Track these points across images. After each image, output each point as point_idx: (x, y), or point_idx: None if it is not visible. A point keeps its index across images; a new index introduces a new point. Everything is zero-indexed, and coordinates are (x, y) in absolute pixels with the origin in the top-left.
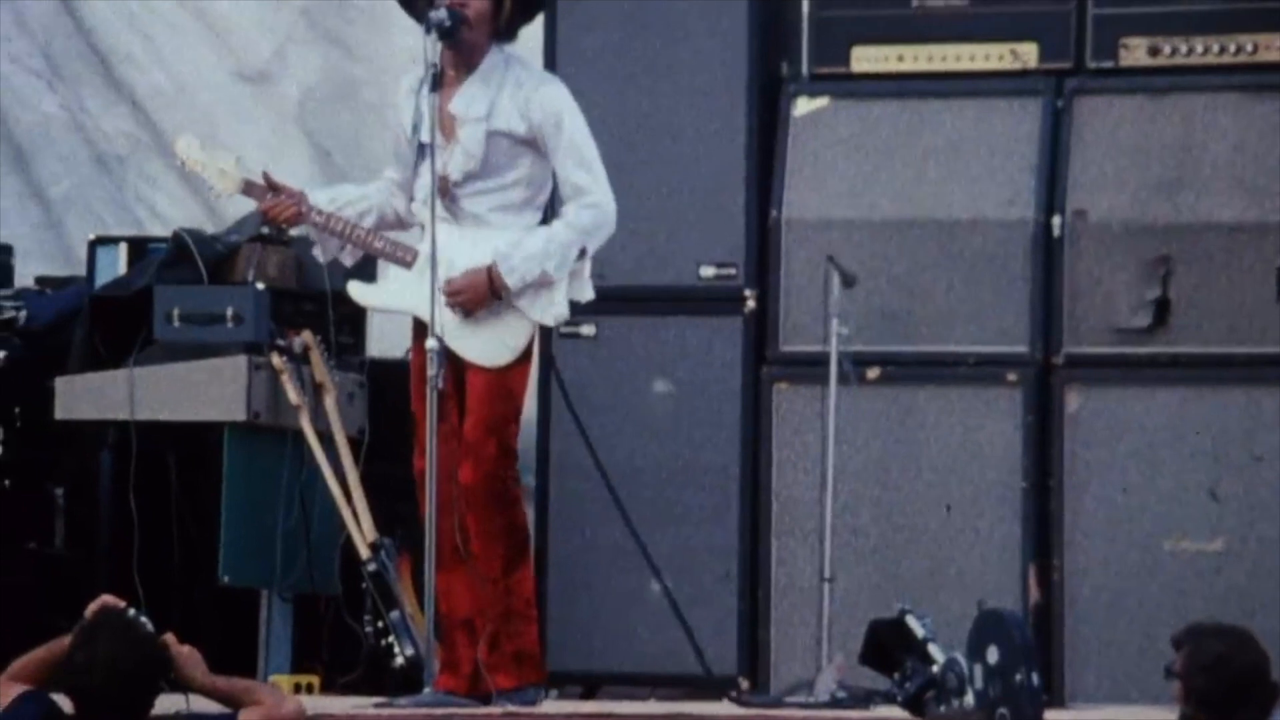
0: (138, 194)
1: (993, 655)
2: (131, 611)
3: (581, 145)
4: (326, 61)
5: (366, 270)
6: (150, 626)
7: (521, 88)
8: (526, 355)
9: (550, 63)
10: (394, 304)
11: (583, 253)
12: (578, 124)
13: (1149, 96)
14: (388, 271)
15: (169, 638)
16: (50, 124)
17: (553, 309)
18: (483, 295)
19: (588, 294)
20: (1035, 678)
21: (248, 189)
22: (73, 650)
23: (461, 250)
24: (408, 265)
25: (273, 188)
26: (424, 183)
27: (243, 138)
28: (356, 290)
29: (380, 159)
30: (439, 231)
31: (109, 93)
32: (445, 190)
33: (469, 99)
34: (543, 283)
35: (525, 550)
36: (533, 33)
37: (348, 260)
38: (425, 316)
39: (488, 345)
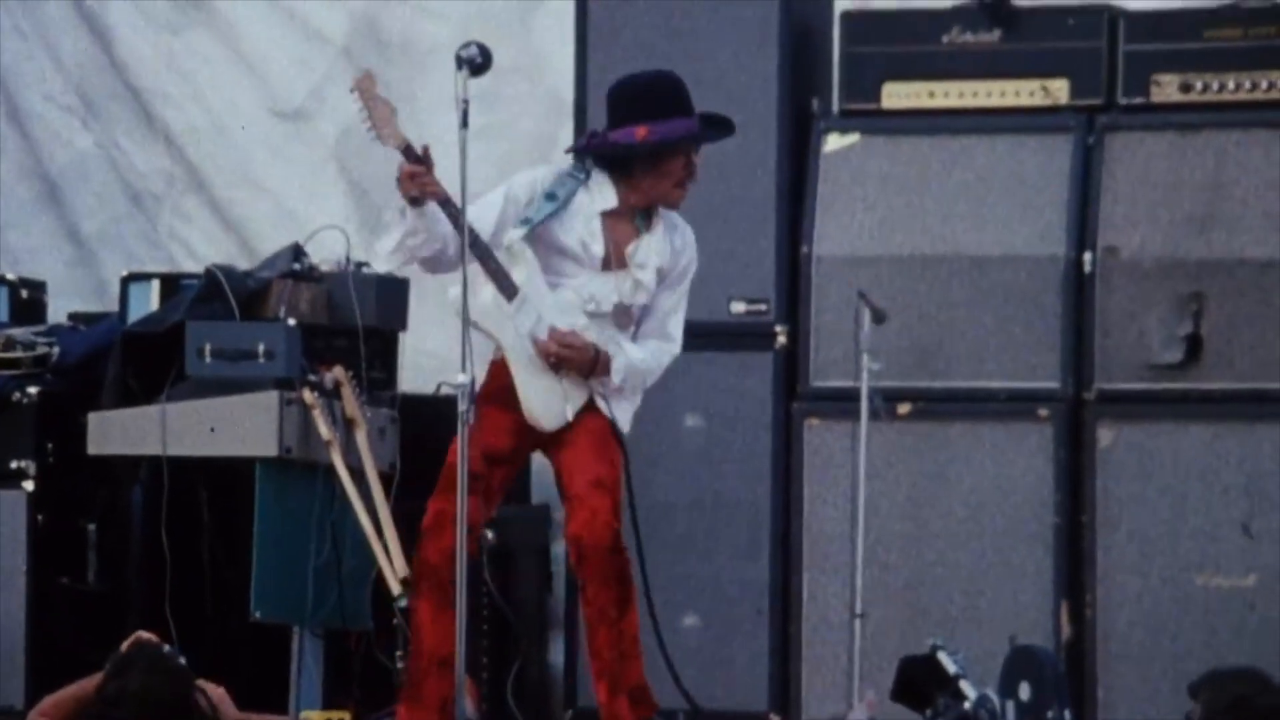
0: (172, 231)
1: (1025, 692)
2: (166, 647)
3: (686, 300)
4: None
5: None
6: (184, 663)
7: (675, 230)
8: (615, 429)
9: (581, 98)
10: (487, 325)
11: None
12: (687, 277)
13: (1180, 133)
14: (482, 291)
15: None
16: (84, 161)
17: (624, 417)
18: (584, 367)
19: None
20: (1068, 714)
21: (407, 150)
22: (105, 681)
23: (548, 309)
24: (508, 299)
25: (427, 163)
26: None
27: (279, 175)
28: (456, 295)
29: None
30: (533, 279)
31: (144, 130)
32: (624, 312)
33: (654, 247)
34: (626, 394)
35: (633, 591)
36: (564, 65)
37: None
38: (505, 347)
39: (546, 404)
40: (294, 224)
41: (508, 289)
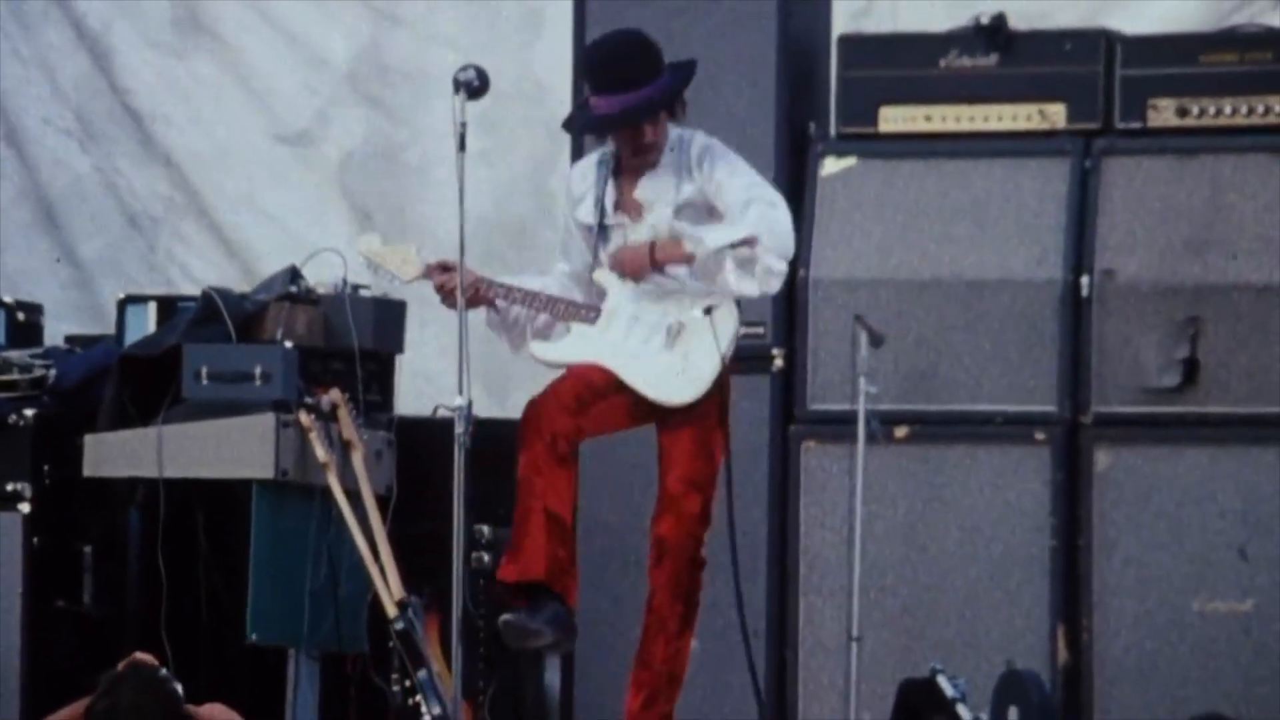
0: (170, 254)
1: (1013, 716)
2: (162, 669)
3: (731, 165)
4: (367, 125)
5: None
6: (179, 687)
7: (688, 154)
8: (721, 410)
9: None
10: (578, 357)
11: (750, 243)
12: (722, 157)
13: (1177, 157)
14: (569, 329)
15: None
16: (82, 184)
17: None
18: (642, 256)
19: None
20: None
21: (428, 272)
22: (96, 699)
23: (643, 307)
24: (592, 323)
25: (446, 268)
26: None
27: (282, 200)
28: (539, 349)
29: (420, 222)
30: (617, 294)
31: (143, 153)
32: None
33: (656, 185)
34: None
35: (696, 617)
36: (564, 91)
37: (531, 344)
38: (610, 364)
39: (674, 379)
40: (297, 248)
41: (588, 317)
